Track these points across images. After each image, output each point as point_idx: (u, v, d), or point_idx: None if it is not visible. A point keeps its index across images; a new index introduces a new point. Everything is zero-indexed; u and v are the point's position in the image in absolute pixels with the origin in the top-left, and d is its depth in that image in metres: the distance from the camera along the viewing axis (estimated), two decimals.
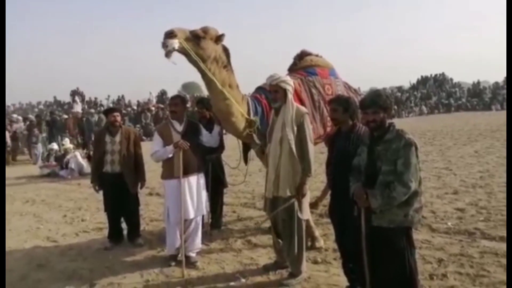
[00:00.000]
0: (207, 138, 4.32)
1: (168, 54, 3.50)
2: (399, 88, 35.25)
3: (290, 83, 3.60)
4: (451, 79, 36.72)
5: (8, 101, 25.55)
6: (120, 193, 4.73)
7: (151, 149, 4.15)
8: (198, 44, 3.64)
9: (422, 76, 37.14)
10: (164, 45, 3.47)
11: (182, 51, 3.57)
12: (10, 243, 5.02)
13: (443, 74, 36.89)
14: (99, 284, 3.78)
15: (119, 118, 4.83)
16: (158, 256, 4.42)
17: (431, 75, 36.98)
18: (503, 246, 4.05)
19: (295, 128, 3.46)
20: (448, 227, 4.72)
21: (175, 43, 3.49)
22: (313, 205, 5.49)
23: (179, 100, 4.27)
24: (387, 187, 2.58)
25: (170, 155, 4.01)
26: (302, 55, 5.09)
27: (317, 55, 5.19)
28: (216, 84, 3.73)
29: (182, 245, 3.96)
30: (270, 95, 3.67)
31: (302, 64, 4.98)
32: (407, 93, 33.31)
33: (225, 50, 3.91)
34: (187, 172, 3.99)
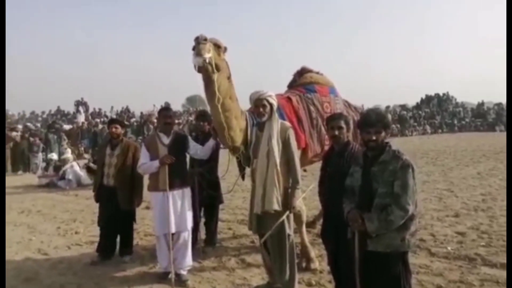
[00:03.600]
0: (194, 150, 4.25)
1: (205, 67, 3.31)
2: (403, 106, 35.15)
3: (275, 99, 3.60)
4: (455, 99, 36.63)
5: (14, 110, 25.57)
6: (114, 208, 4.61)
7: (139, 162, 4.11)
8: (219, 55, 3.55)
9: (426, 95, 37.10)
10: (199, 54, 3.25)
11: (210, 62, 3.36)
12: None
13: (447, 93, 36.80)
14: None
15: (118, 131, 4.69)
16: (149, 272, 4.31)
17: (435, 94, 36.91)
18: (504, 274, 3.91)
19: (280, 143, 3.45)
20: (447, 252, 4.59)
21: (208, 54, 3.31)
22: (310, 224, 5.39)
23: (172, 112, 4.26)
24: (384, 210, 2.50)
25: (156, 170, 3.98)
26: (302, 72, 5.07)
27: (317, 72, 5.16)
28: (219, 96, 3.60)
29: (170, 261, 3.87)
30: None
31: (301, 81, 4.95)
32: (411, 112, 33.24)
33: (226, 62, 3.87)
34: (172, 186, 3.93)
